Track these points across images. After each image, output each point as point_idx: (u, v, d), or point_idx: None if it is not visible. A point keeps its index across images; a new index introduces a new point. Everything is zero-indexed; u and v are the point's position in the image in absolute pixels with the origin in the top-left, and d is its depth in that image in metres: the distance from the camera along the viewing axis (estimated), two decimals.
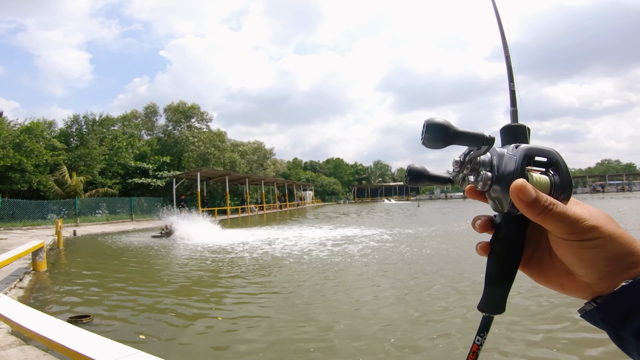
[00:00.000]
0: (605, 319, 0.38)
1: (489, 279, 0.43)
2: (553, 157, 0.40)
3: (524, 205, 0.37)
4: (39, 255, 8.14)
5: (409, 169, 0.46)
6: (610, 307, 0.37)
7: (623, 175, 74.93)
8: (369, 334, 4.22)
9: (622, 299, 0.37)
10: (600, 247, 0.37)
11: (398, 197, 79.15)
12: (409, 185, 0.47)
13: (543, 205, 0.37)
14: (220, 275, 7.86)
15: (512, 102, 0.49)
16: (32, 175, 22.43)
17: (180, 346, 4.06)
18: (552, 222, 0.37)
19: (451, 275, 6.89)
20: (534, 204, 0.37)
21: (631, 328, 0.36)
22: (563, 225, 0.37)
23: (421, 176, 0.45)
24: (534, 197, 0.37)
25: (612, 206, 25.72)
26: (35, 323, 2.98)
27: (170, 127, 39.63)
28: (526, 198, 0.37)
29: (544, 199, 0.37)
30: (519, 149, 0.40)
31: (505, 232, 0.41)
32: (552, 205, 0.37)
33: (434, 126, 0.41)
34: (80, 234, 17.03)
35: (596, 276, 0.38)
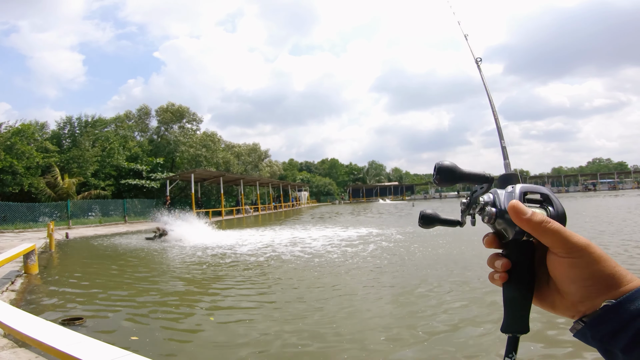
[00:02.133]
0: (595, 336, 0.42)
1: (509, 302, 0.47)
2: (545, 193, 0.47)
3: (523, 221, 0.43)
4: (31, 258, 8.10)
5: (422, 215, 0.53)
6: (597, 325, 0.42)
7: (614, 174, 75.90)
8: (369, 336, 4.28)
9: (607, 318, 0.41)
10: (587, 266, 0.42)
11: (393, 197, 79.42)
12: (421, 227, 0.53)
13: (540, 219, 0.43)
14: (213, 276, 7.88)
15: (505, 156, 0.61)
16: (23, 178, 22.17)
17: (172, 347, 4.09)
18: (549, 236, 0.43)
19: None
20: (532, 218, 0.43)
21: (619, 344, 0.40)
22: (558, 239, 0.43)
23: (433, 220, 0.52)
24: (530, 213, 0.43)
25: (604, 204, 26.08)
26: (28, 326, 3.00)
27: (163, 129, 39.42)
28: (523, 213, 0.43)
29: (540, 216, 0.43)
30: (516, 187, 0.48)
31: (516, 257, 0.47)
32: (548, 221, 0.43)
33: (444, 169, 0.49)
34: (72, 236, 16.90)
35: (581, 294, 0.43)
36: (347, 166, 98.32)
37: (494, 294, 5.28)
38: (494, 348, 3.69)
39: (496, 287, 0.49)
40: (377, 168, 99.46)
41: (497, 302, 4.91)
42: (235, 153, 43.14)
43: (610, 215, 17.54)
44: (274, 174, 52.67)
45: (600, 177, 76.64)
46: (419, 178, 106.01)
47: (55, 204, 22.51)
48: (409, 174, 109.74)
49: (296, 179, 70.67)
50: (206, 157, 35.95)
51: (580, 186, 72.90)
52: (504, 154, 0.61)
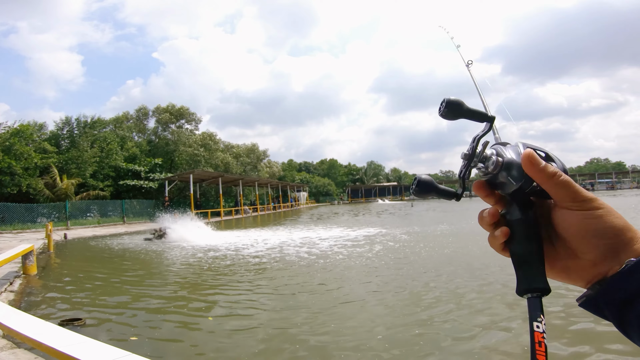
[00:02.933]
0: (610, 301, 0.38)
1: (520, 260, 0.43)
2: (547, 152, 0.44)
3: (537, 170, 0.40)
4: (29, 259, 8.08)
5: (417, 179, 0.50)
6: (613, 289, 0.38)
7: (612, 174, 76.12)
8: (366, 338, 4.29)
9: (626, 279, 0.37)
10: (601, 217, 0.39)
11: (392, 197, 79.47)
12: (415, 195, 0.50)
13: (553, 171, 0.40)
14: (212, 276, 7.88)
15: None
16: (21, 179, 22.11)
17: (171, 347, 4.09)
18: (560, 188, 0.40)
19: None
20: (545, 169, 0.40)
21: (636, 310, 0.36)
22: (569, 192, 0.40)
23: (430, 188, 0.48)
24: (544, 164, 0.41)
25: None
26: (26, 327, 3.00)
27: (160, 129, 39.35)
28: (537, 163, 0.40)
29: (552, 167, 0.41)
30: (519, 143, 0.45)
31: (519, 211, 0.43)
32: (561, 173, 0.41)
33: (451, 103, 0.48)
34: (71, 237, 16.85)
35: (600, 251, 0.40)
36: (346, 167, 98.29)
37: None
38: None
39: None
40: (376, 168, 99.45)
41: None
42: (234, 154, 43.07)
43: None
44: (273, 174, 52.63)
45: (599, 177, 76.87)
46: None
47: (53, 205, 22.45)
48: (407, 174, 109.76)
49: (295, 180, 70.62)
50: (204, 157, 35.91)
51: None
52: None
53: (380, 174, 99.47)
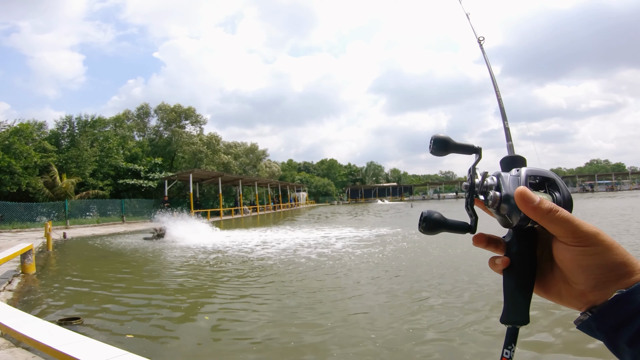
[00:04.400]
0: (601, 327, 0.40)
1: (510, 292, 0.45)
2: (551, 177, 0.45)
3: (530, 209, 0.40)
4: (28, 258, 8.08)
5: (427, 216, 0.48)
6: (605, 316, 0.40)
7: (612, 175, 76.17)
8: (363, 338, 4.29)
9: (616, 308, 0.39)
10: (598, 254, 0.40)
11: (391, 198, 79.49)
12: (425, 232, 0.48)
13: (548, 208, 0.40)
14: (210, 275, 7.87)
15: (507, 137, 0.59)
16: (21, 177, 22.09)
17: (168, 346, 4.09)
18: (558, 225, 0.40)
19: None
20: (539, 206, 0.40)
21: (625, 336, 0.38)
22: (568, 228, 0.40)
23: (439, 225, 0.48)
24: (538, 200, 0.40)
25: (598, 206, 26.19)
26: (25, 326, 3.00)
27: (162, 128, 39.32)
28: (531, 201, 0.40)
29: (548, 203, 0.40)
30: (521, 171, 0.45)
31: (518, 246, 0.45)
32: (557, 210, 0.40)
33: (439, 140, 0.49)
34: (70, 236, 16.85)
35: (592, 284, 0.41)
36: (346, 167, 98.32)
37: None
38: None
39: None
40: (376, 169, 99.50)
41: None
42: (234, 154, 43.07)
43: (601, 217, 17.60)
44: (272, 174, 52.63)
45: (598, 178, 76.91)
46: (417, 179, 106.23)
47: (53, 204, 22.44)
48: (407, 174, 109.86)
49: (295, 180, 70.62)
50: (207, 155, 35.89)
51: (578, 187, 73.15)
52: (507, 135, 0.58)
53: (380, 174, 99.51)
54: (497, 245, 0.48)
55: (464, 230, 0.48)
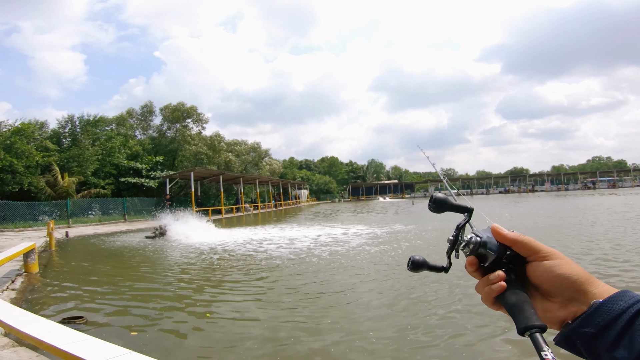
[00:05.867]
0: (581, 336, 0.46)
1: (512, 306, 0.51)
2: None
3: (502, 237, 0.54)
4: (31, 257, 8.11)
5: (411, 261, 0.62)
6: (584, 326, 0.46)
7: (614, 172, 75.87)
8: (361, 334, 4.30)
9: (594, 317, 0.45)
10: (563, 265, 0.50)
11: (393, 195, 79.42)
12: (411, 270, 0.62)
13: (516, 235, 0.54)
14: (213, 273, 7.89)
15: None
16: (23, 177, 22.15)
17: (171, 344, 4.11)
18: (525, 245, 0.53)
19: None
20: (509, 235, 0.54)
21: (604, 343, 0.44)
22: (533, 247, 0.52)
23: (422, 265, 0.61)
24: (507, 232, 0.55)
25: (588, 204, 26.09)
26: (28, 325, 3.01)
27: (165, 127, 39.33)
28: (502, 231, 0.55)
29: (515, 232, 0.55)
30: (487, 226, 0.58)
31: (505, 273, 0.55)
32: (522, 235, 0.54)
33: (437, 199, 0.61)
34: (72, 235, 16.90)
35: (568, 293, 0.49)
36: (347, 164, 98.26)
37: None
38: None
39: None
40: (377, 166, 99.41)
41: None
42: (236, 152, 43.09)
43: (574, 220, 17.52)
44: (273, 172, 52.64)
45: (600, 175, 76.60)
46: (418, 176, 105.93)
47: (55, 203, 22.50)
48: (408, 172, 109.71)
49: (296, 177, 70.64)
50: (208, 156, 35.92)
51: (580, 184, 72.90)
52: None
53: (381, 172, 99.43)
54: (482, 274, 0.57)
55: (441, 270, 0.61)
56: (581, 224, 13.69)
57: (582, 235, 10.73)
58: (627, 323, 0.43)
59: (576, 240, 9.88)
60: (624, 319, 0.43)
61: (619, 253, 7.88)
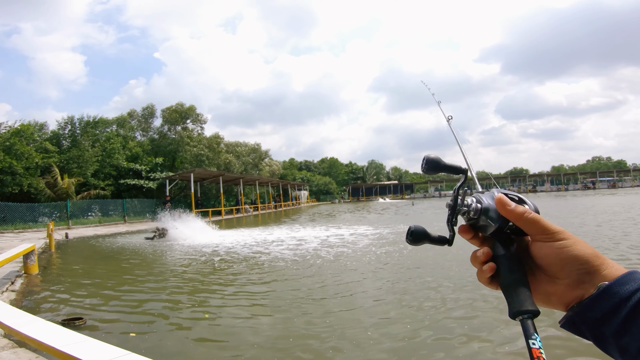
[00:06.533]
0: (586, 320, 0.43)
1: (508, 287, 0.48)
2: (520, 196, 0.52)
3: (508, 211, 0.48)
4: (30, 258, 8.10)
5: (413, 230, 0.56)
6: (589, 309, 0.43)
7: (614, 172, 75.86)
8: (357, 334, 4.29)
9: (599, 301, 0.42)
10: (570, 246, 0.45)
11: (393, 196, 79.40)
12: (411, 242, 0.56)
13: (522, 210, 0.48)
14: (212, 275, 7.88)
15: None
16: (22, 178, 22.14)
17: (171, 346, 4.10)
18: (530, 224, 0.47)
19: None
20: (515, 209, 0.48)
21: (610, 328, 0.41)
22: (539, 226, 0.47)
23: (422, 237, 0.56)
24: (514, 205, 0.48)
25: (584, 204, 26.11)
26: (28, 326, 3.00)
27: (166, 129, 39.32)
28: (508, 204, 0.48)
29: (521, 207, 0.48)
30: (496, 190, 0.52)
31: (501, 247, 0.50)
32: (530, 212, 0.48)
33: (430, 160, 0.56)
34: (72, 236, 16.89)
35: (574, 276, 0.45)
36: (347, 165, 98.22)
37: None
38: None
39: None
40: (377, 167, 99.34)
41: None
42: (237, 153, 43.06)
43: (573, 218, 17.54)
44: (273, 173, 52.61)
45: (600, 175, 76.59)
46: (418, 177, 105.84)
47: (54, 204, 22.49)
48: (408, 172, 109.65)
49: (296, 178, 70.59)
50: (209, 157, 35.89)
51: (580, 184, 72.91)
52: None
53: (381, 172, 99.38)
54: (481, 242, 0.53)
55: (443, 242, 0.56)
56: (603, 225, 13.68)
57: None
58: (634, 308, 0.40)
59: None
60: (631, 304, 0.40)
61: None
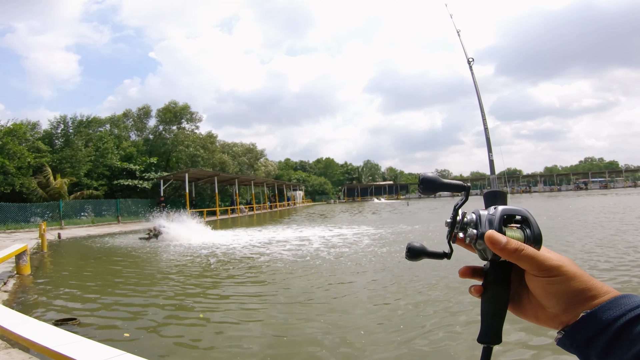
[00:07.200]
0: (573, 344, 0.46)
1: (485, 315, 0.51)
2: (524, 215, 0.50)
3: (498, 250, 0.47)
4: (23, 259, 8.04)
5: (410, 246, 0.54)
6: (574, 334, 0.46)
7: (606, 173, 76.82)
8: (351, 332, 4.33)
9: (583, 327, 0.45)
10: (562, 282, 0.47)
11: (388, 196, 79.70)
12: (409, 258, 0.54)
13: (514, 248, 0.47)
14: (206, 275, 7.88)
15: (492, 170, 0.63)
16: (14, 178, 21.90)
17: (165, 345, 4.10)
18: (524, 261, 0.47)
19: None
20: (506, 247, 0.47)
21: (594, 351, 0.44)
22: (533, 263, 0.47)
23: (420, 253, 0.53)
24: (505, 242, 0.47)
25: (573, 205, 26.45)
26: (21, 326, 3.00)
27: (161, 129, 39.08)
28: (498, 243, 0.47)
29: (514, 243, 0.47)
30: (497, 210, 0.50)
31: (493, 276, 0.51)
32: (522, 249, 0.47)
33: (426, 180, 0.53)
34: (65, 236, 16.74)
35: (561, 307, 0.48)
36: (342, 165, 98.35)
37: None
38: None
39: None
40: (372, 168, 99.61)
41: None
42: (232, 153, 42.91)
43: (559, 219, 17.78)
44: (269, 173, 52.53)
45: (592, 176, 77.54)
46: (413, 177, 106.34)
47: (47, 204, 22.27)
48: (403, 173, 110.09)
49: (291, 179, 70.53)
50: (203, 158, 35.73)
51: (572, 185, 73.73)
52: (491, 168, 0.62)
53: (377, 173, 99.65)
54: (481, 275, 0.53)
55: (442, 257, 0.53)
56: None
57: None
58: (617, 333, 0.43)
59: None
60: (613, 329, 0.43)
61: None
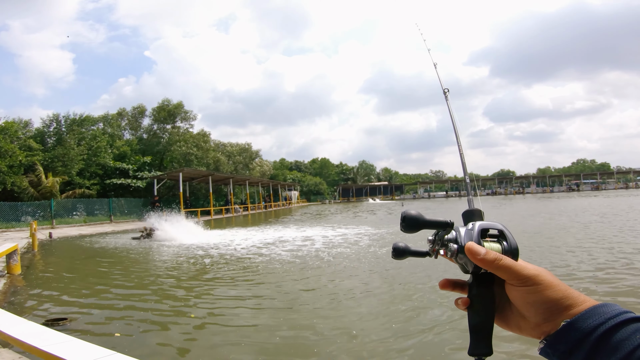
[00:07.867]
0: (555, 353, 0.48)
1: (473, 328, 0.52)
2: (500, 229, 0.53)
3: (478, 260, 0.50)
4: (13, 258, 7.94)
5: (395, 246, 0.57)
6: (556, 344, 0.48)
7: (597, 175, 77.84)
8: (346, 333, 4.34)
9: (564, 336, 0.47)
10: (539, 292, 0.49)
11: (383, 197, 79.98)
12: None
13: (492, 258, 0.49)
14: (199, 275, 7.85)
15: (468, 192, 0.65)
16: (5, 176, 21.60)
17: (155, 345, 4.09)
18: (502, 271, 0.50)
19: None
20: (485, 257, 0.49)
21: (576, 359, 0.45)
22: (511, 273, 0.49)
23: (405, 252, 0.57)
24: (484, 252, 0.50)
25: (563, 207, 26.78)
26: (10, 326, 2.97)
27: (155, 128, 38.80)
28: (477, 253, 0.50)
29: (493, 254, 0.50)
30: (475, 225, 0.53)
31: (476, 287, 0.53)
32: (500, 259, 0.50)
33: (409, 217, 0.55)
34: (56, 236, 16.56)
35: (541, 317, 0.49)
36: (338, 166, 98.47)
37: None
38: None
39: None
40: (368, 168, 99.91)
41: None
42: (227, 153, 42.74)
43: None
44: (264, 173, 52.40)
45: (584, 177, 78.52)
46: (408, 178, 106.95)
47: (38, 203, 21.98)
48: (398, 173, 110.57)
49: (287, 179, 70.43)
50: (197, 157, 35.54)
51: (565, 186, 74.60)
52: (467, 190, 0.65)
53: (372, 173, 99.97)
54: (462, 287, 0.56)
55: (425, 255, 0.58)
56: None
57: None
58: (598, 341, 0.44)
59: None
60: (593, 337, 0.44)
61: None
